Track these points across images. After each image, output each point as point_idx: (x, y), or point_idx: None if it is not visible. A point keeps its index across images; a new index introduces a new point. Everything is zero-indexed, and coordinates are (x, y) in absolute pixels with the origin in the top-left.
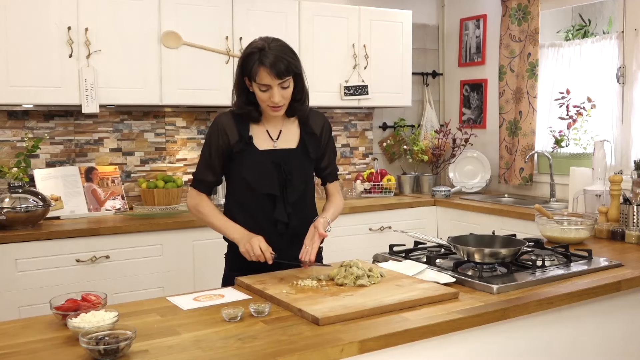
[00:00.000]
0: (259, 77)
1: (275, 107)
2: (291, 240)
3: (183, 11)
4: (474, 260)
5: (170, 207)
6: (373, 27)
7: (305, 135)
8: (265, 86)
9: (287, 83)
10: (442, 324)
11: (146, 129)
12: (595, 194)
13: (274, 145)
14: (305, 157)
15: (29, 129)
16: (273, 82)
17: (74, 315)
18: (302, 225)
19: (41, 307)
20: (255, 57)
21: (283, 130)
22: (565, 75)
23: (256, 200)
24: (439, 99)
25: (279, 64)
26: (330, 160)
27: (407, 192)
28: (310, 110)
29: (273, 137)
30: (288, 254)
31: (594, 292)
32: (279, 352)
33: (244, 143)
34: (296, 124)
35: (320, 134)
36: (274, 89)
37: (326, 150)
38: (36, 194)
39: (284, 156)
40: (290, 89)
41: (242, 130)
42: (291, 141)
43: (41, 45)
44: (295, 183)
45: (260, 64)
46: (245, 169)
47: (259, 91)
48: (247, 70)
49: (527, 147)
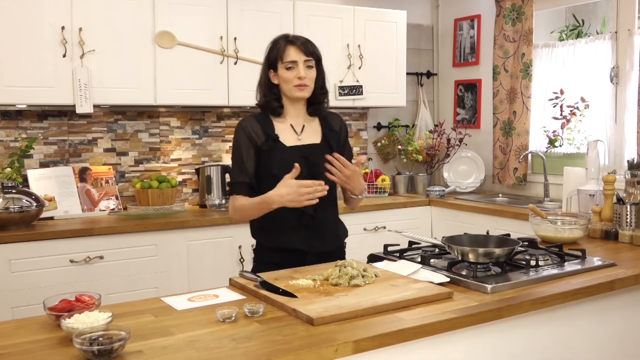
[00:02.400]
0: (286, 54)
1: (301, 85)
2: (316, 232)
3: (177, 11)
4: (468, 260)
5: (165, 207)
6: (367, 27)
7: (327, 132)
8: (291, 63)
9: (311, 63)
10: (437, 324)
11: (140, 129)
12: (589, 193)
13: (298, 139)
14: (330, 151)
15: (22, 129)
16: (300, 57)
17: (67, 316)
18: (326, 217)
19: (35, 307)
20: (282, 40)
21: (306, 126)
22: (559, 76)
23: None
24: (433, 99)
25: (305, 43)
26: (349, 158)
27: (402, 192)
28: (328, 111)
29: (297, 130)
30: (313, 245)
31: (587, 292)
32: (274, 352)
33: (271, 141)
34: (317, 121)
35: (339, 131)
36: (299, 66)
37: (345, 147)
38: (30, 195)
39: (310, 150)
40: (314, 73)
41: (267, 129)
42: (315, 137)
43: (35, 45)
44: (322, 176)
45: (287, 42)
46: (275, 165)
47: (285, 71)
48: (273, 57)
49: (521, 147)
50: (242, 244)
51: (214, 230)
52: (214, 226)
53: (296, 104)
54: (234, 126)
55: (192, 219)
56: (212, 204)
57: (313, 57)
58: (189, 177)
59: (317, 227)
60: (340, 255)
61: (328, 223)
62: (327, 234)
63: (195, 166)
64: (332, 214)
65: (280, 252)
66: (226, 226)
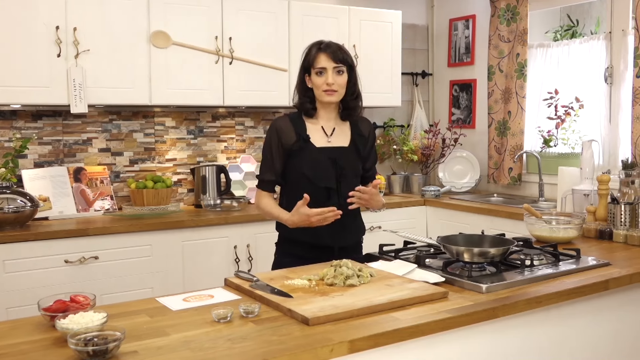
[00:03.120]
0: (317, 61)
1: (329, 90)
2: (339, 230)
3: (172, 11)
4: (463, 260)
5: (160, 207)
6: (363, 27)
7: (356, 136)
8: (321, 69)
9: (342, 69)
10: (432, 324)
11: (135, 129)
12: (584, 193)
13: (328, 141)
14: (357, 155)
15: (17, 129)
16: (329, 64)
17: (62, 317)
18: (350, 217)
19: (29, 308)
20: (315, 47)
21: (336, 129)
22: (554, 76)
23: (312, 193)
24: (428, 99)
25: (336, 51)
26: (373, 163)
27: (397, 192)
28: (359, 116)
29: (327, 133)
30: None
31: (582, 291)
32: (269, 352)
33: (302, 141)
34: (348, 125)
35: (368, 136)
36: (328, 72)
37: (371, 152)
38: (24, 195)
39: (338, 153)
40: (345, 78)
41: (299, 130)
42: (344, 140)
43: (29, 44)
44: (349, 177)
45: (319, 50)
46: (305, 164)
47: (316, 77)
48: (306, 63)
49: (516, 147)
50: (237, 244)
51: (209, 230)
52: (209, 226)
53: (327, 107)
54: (229, 126)
55: (188, 219)
56: (207, 204)
57: (344, 63)
58: (184, 177)
59: (341, 223)
60: (358, 250)
61: (350, 220)
62: (348, 229)
63: (190, 166)
64: (355, 212)
65: (304, 245)
66: (221, 226)
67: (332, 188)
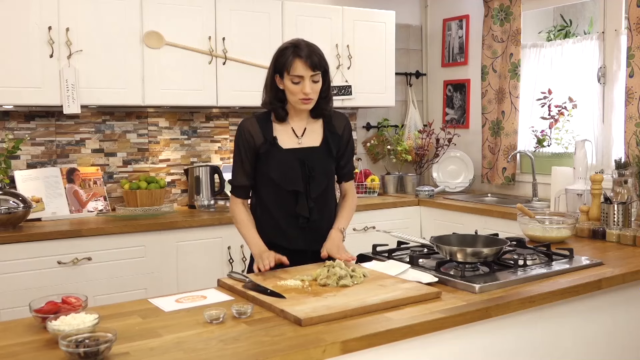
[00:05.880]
0: (293, 68)
1: (306, 99)
2: (312, 233)
3: (165, 11)
4: (456, 260)
5: (153, 208)
6: (356, 28)
7: (329, 134)
8: (298, 77)
9: (317, 77)
10: (425, 324)
11: (128, 130)
12: (577, 193)
13: (298, 143)
14: (328, 154)
15: (9, 129)
16: (306, 73)
17: (53, 318)
18: (322, 219)
19: (21, 309)
20: (290, 51)
21: (308, 128)
22: (547, 76)
23: (281, 196)
24: (422, 99)
25: (313, 56)
26: (349, 160)
27: (391, 192)
28: (334, 111)
29: (298, 134)
30: (311, 246)
31: (575, 291)
32: (262, 353)
33: (268, 144)
34: (320, 123)
35: (342, 134)
36: (306, 81)
37: (346, 149)
38: (17, 196)
39: (307, 154)
40: (319, 85)
41: (265, 132)
42: (315, 139)
43: (21, 45)
44: (318, 179)
45: (295, 55)
46: (272, 168)
47: (291, 84)
48: (280, 65)
49: (509, 146)
50: (231, 245)
51: (202, 231)
52: (202, 227)
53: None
54: (223, 126)
55: (181, 220)
56: (201, 204)
57: (320, 69)
58: (177, 178)
59: (314, 228)
60: None
61: (324, 224)
62: (321, 233)
63: (184, 167)
64: (327, 215)
65: (277, 249)
66: (215, 227)
67: (300, 192)
